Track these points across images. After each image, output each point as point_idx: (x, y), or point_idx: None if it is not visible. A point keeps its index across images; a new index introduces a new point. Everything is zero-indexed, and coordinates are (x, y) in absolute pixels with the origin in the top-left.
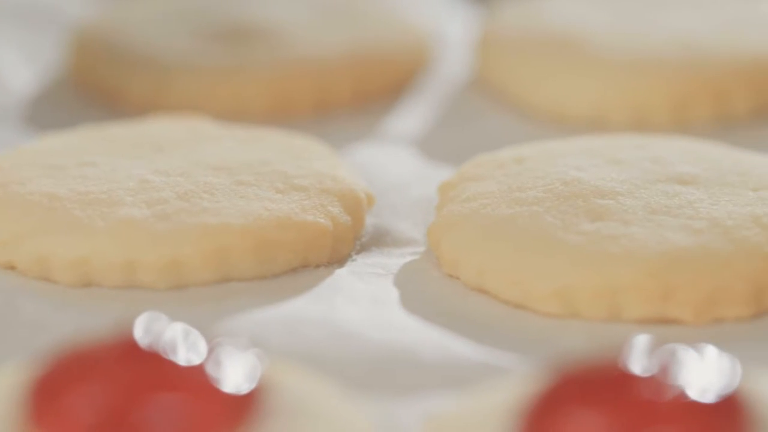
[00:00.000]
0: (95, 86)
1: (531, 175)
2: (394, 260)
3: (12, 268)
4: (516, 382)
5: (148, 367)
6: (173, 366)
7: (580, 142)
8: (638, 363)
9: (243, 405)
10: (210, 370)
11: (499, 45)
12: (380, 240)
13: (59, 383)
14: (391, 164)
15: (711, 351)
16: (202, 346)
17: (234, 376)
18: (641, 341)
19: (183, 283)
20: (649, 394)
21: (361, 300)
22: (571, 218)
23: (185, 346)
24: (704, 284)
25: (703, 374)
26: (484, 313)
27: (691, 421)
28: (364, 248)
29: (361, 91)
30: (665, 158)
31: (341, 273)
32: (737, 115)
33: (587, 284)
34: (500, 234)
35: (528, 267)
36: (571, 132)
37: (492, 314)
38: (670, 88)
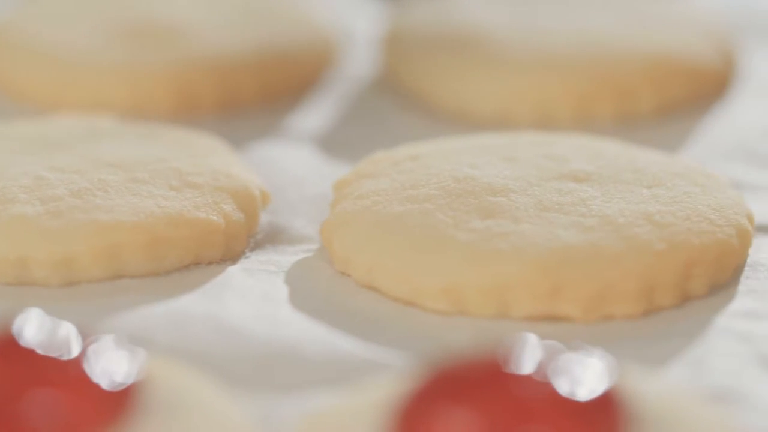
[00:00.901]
0: (0, 83)
1: (425, 172)
2: (287, 257)
3: None
4: (395, 379)
5: (24, 363)
6: (50, 362)
7: (478, 140)
8: (516, 361)
9: (119, 401)
10: (86, 366)
11: (405, 43)
12: (275, 237)
13: None
14: (290, 162)
15: (590, 350)
16: (80, 343)
17: (110, 372)
18: (521, 339)
19: (75, 280)
20: (523, 391)
21: (250, 297)
22: (462, 215)
23: (62, 343)
24: (593, 282)
25: (580, 373)
26: (373, 310)
27: (564, 420)
28: (258, 245)
29: (266, 90)
30: (562, 156)
31: (233, 270)
32: (641, 113)
33: (475, 281)
34: (390, 231)
35: (417, 264)
36: (476, 130)
37: (381, 311)
38: (573, 86)
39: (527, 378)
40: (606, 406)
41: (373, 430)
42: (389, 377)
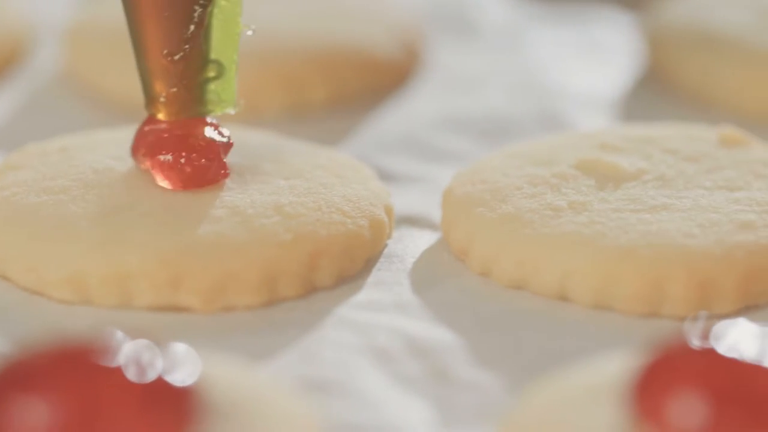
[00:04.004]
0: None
1: (67, 164)
2: None
3: None
4: None
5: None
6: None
7: (126, 132)
8: (106, 349)
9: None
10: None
11: (86, 38)
12: None
13: None
14: None
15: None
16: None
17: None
18: (111, 331)
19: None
20: (97, 380)
21: None
22: (93, 207)
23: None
24: (212, 272)
25: (160, 364)
26: (2, 300)
27: (131, 409)
28: None
29: None
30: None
31: None
32: (312, 105)
33: (97, 270)
34: (20, 222)
35: (41, 254)
36: None
37: (9, 300)
38: (241, 77)
39: (104, 368)
40: (178, 397)
41: None
42: None
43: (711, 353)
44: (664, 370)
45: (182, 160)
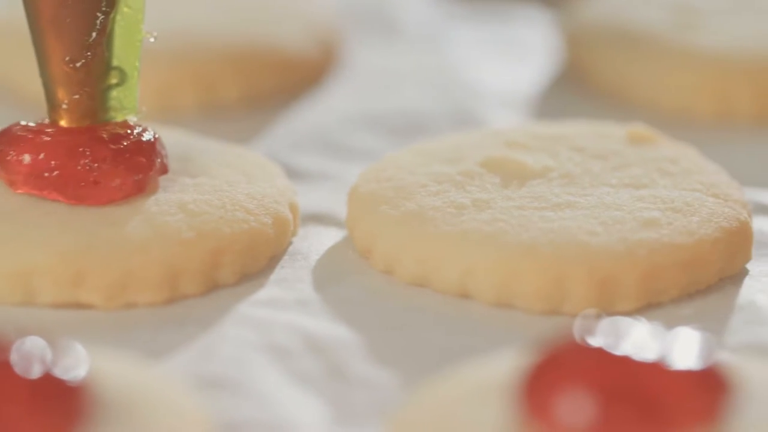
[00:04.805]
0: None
1: None
2: None
3: None
4: None
5: None
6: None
7: None
8: None
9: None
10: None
11: (4, 37)
12: None
13: None
14: None
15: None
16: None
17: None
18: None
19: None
20: None
21: None
22: None
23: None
24: (114, 269)
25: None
26: None
27: (20, 401)
28: None
29: None
30: None
31: None
32: (226, 103)
33: (0, 268)
34: None
35: None
36: None
37: None
38: (154, 75)
39: None
40: (67, 393)
41: None
42: None
43: (599, 351)
44: (551, 368)
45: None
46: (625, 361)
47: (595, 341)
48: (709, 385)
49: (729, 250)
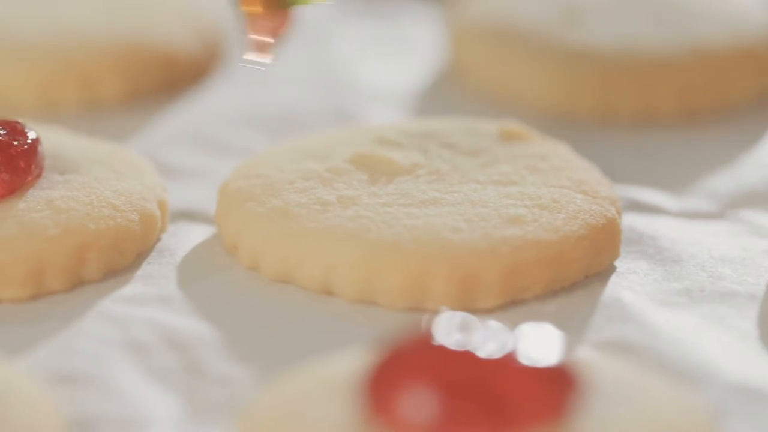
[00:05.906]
0: None
1: None
2: None
3: None
4: None
5: None
6: None
7: None
8: None
9: None
10: None
11: None
12: None
13: None
14: None
15: None
16: None
17: None
18: None
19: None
20: None
21: None
22: None
23: None
24: None
25: None
26: None
27: None
28: None
29: None
30: None
31: None
32: (107, 101)
33: None
34: None
35: None
36: None
37: None
38: (35, 73)
39: None
40: None
41: None
42: None
43: (442, 348)
44: (394, 365)
45: None
46: (469, 358)
47: (440, 338)
48: (555, 383)
49: (595, 247)
